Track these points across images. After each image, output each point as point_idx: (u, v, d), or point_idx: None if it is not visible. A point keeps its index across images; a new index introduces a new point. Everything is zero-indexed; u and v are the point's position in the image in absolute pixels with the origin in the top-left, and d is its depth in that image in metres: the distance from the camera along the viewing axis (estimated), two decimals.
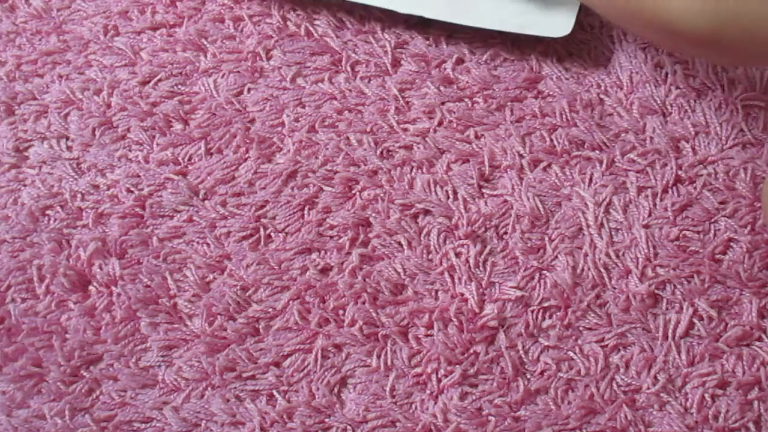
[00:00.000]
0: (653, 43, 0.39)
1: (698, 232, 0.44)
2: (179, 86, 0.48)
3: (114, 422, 0.42)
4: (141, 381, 0.43)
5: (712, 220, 0.44)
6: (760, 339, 0.42)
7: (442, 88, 0.47)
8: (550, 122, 0.46)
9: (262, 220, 0.45)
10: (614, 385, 0.41)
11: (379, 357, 0.42)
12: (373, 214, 0.44)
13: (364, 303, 0.42)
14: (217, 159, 0.46)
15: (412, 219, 0.44)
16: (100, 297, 0.44)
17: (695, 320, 0.42)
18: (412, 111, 0.46)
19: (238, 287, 0.44)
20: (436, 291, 0.43)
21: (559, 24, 0.40)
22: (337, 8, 0.49)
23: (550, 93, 0.47)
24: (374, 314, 0.42)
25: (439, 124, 0.46)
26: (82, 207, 0.46)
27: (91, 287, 0.45)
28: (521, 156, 0.45)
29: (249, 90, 0.48)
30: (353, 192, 0.45)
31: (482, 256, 0.43)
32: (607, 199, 0.44)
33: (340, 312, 0.43)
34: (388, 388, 0.41)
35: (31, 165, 0.47)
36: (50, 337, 0.44)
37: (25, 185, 0.47)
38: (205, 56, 0.49)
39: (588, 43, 0.47)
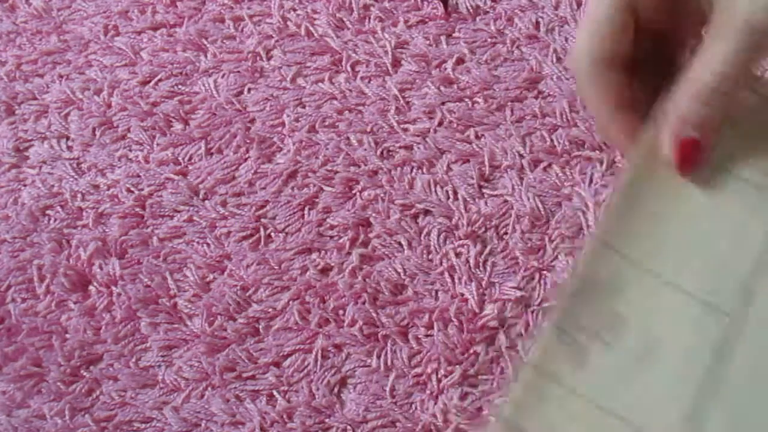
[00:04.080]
0: None
1: None
2: (179, 86, 0.48)
3: (114, 422, 0.42)
4: (141, 381, 0.43)
5: None
6: None
7: (442, 88, 0.47)
8: (550, 122, 0.46)
9: (262, 220, 0.45)
10: None
11: (379, 357, 0.42)
12: (373, 214, 0.44)
13: (364, 303, 0.42)
14: (217, 159, 0.46)
15: (412, 219, 0.44)
16: (100, 297, 0.44)
17: None
18: (413, 111, 0.46)
19: (238, 287, 0.44)
20: (436, 291, 0.43)
21: None
22: (337, 8, 0.49)
23: (551, 93, 0.47)
24: (374, 314, 0.42)
25: (440, 124, 0.46)
26: (83, 207, 0.46)
27: (91, 287, 0.45)
28: (521, 156, 0.45)
29: (249, 90, 0.48)
30: (353, 192, 0.45)
31: (482, 256, 0.43)
32: (608, 199, 0.44)
33: (340, 312, 0.43)
34: (388, 388, 0.41)
35: (32, 165, 0.47)
36: (50, 337, 0.44)
37: (25, 185, 0.47)
38: (206, 56, 0.49)
39: None
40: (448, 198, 0.44)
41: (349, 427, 0.41)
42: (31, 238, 0.46)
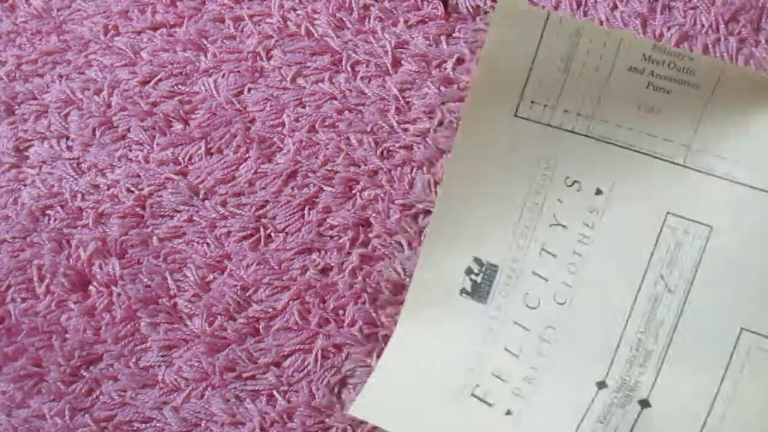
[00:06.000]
0: None
1: None
2: (179, 86, 0.48)
3: (114, 422, 0.43)
4: (141, 381, 0.43)
5: None
6: None
7: (442, 88, 0.47)
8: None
9: (262, 220, 0.45)
10: None
11: (379, 357, 0.42)
12: (373, 214, 0.44)
13: (364, 303, 0.42)
14: (217, 159, 0.46)
15: (412, 219, 0.44)
16: (100, 297, 0.44)
17: None
18: (413, 111, 0.46)
19: (238, 287, 0.44)
20: None
21: None
22: (337, 8, 0.49)
23: None
24: (374, 314, 0.42)
25: (440, 124, 0.46)
26: (82, 207, 0.46)
27: (91, 287, 0.45)
28: None
29: (249, 90, 0.48)
30: (353, 192, 0.45)
31: None
32: None
33: (340, 312, 0.43)
34: None
35: (31, 165, 0.47)
36: (50, 337, 0.44)
37: (25, 185, 0.47)
38: (206, 56, 0.49)
39: None
40: None
41: (349, 427, 0.41)
42: (31, 238, 0.46)
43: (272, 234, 0.45)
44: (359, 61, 0.48)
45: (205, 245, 0.45)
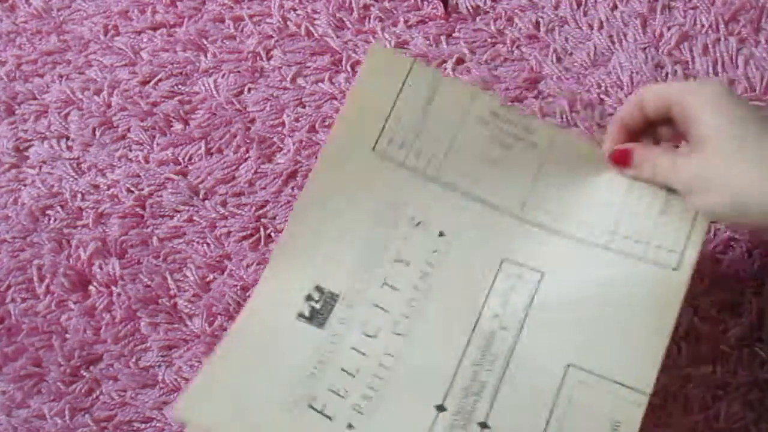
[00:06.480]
0: None
1: None
2: (179, 86, 0.48)
3: (114, 422, 0.43)
4: (141, 381, 0.43)
5: (713, 221, 0.44)
6: (759, 339, 0.42)
7: None
8: (550, 123, 0.46)
9: (262, 220, 0.45)
10: None
11: None
12: None
13: None
14: (217, 159, 0.46)
15: None
16: (100, 297, 0.44)
17: (696, 320, 0.42)
18: None
19: (238, 287, 0.44)
20: None
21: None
22: (337, 8, 0.49)
23: (551, 93, 0.46)
24: None
25: None
26: (82, 207, 0.46)
27: (91, 287, 0.45)
28: None
29: (249, 90, 0.48)
30: None
31: None
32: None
33: None
34: None
35: (31, 165, 0.47)
36: (50, 337, 0.44)
37: (25, 185, 0.47)
38: (206, 56, 0.49)
39: (588, 43, 0.47)
40: None
41: None
42: (31, 238, 0.46)
43: (272, 234, 0.45)
44: (359, 61, 0.48)
45: (205, 245, 0.45)
